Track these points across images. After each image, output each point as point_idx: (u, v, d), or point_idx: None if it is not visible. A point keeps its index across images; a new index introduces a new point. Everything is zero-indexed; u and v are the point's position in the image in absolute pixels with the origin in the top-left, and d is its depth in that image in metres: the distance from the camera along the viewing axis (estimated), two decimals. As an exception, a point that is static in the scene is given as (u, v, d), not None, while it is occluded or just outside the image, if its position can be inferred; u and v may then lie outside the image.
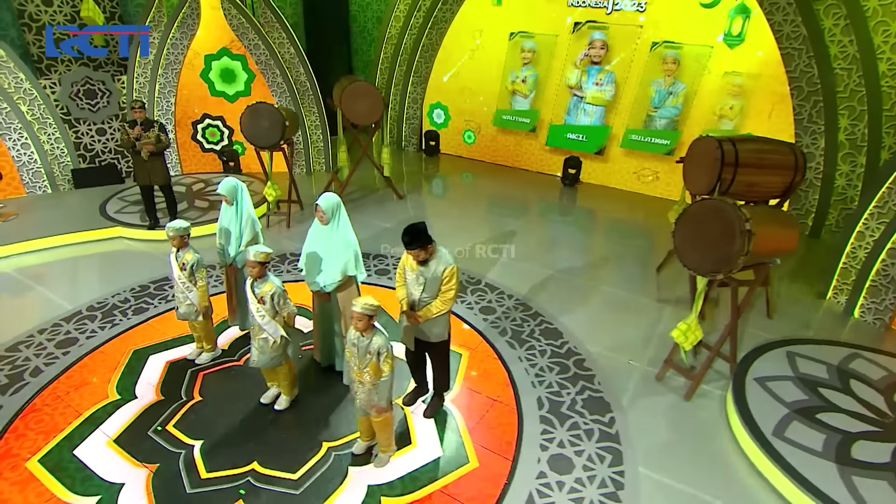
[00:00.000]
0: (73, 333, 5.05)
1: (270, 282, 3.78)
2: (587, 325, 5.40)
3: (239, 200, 4.54)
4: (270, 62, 8.87)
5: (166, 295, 5.70)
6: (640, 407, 4.28)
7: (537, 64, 9.41)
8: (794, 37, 6.78)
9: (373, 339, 3.29)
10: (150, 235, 7.03)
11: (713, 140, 5.10)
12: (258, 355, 3.91)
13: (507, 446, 3.86)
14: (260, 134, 6.85)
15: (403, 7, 10.54)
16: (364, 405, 3.45)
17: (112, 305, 5.50)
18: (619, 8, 8.48)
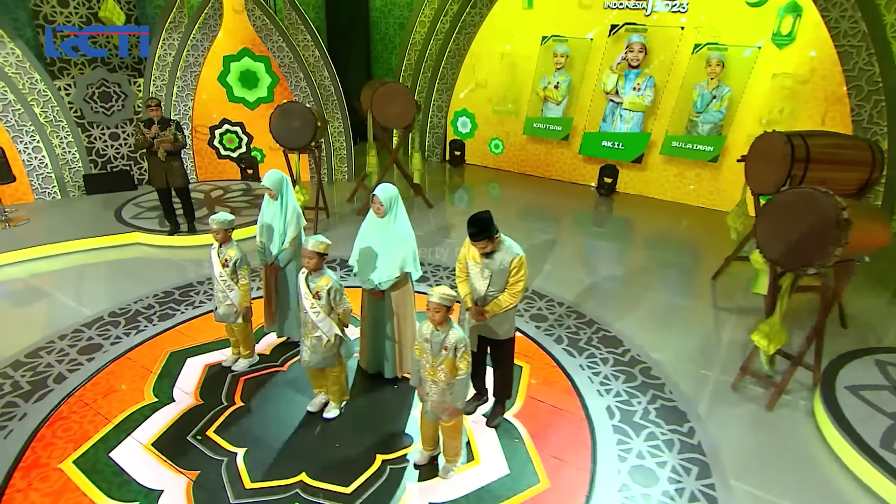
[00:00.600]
0: (96, 339, 4.98)
1: (327, 275, 3.71)
2: (646, 332, 5.31)
3: (284, 194, 4.51)
4: (294, 65, 8.99)
5: (193, 301, 5.65)
6: (718, 417, 4.15)
7: (571, 69, 9.51)
8: (851, 34, 6.83)
9: (449, 334, 3.21)
10: (170, 241, 7.00)
11: (781, 135, 5.08)
12: (310, 355, 3.81)
13: (582, 457, 3.72)
14: (290, 135, 6.88)
15: (429, 12, 10.73)
16: (436, 407, 3.34)
17: (135, 311, 5.45)
18: (658, 9, 8.60)
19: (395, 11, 11.99)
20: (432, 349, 3.25)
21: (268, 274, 4.67)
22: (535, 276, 6.40)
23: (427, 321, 3.31)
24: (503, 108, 10.50)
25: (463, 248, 3.71)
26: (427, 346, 3.27)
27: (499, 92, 10.49)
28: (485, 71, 10.55)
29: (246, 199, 8.47)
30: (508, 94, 10.37)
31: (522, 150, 10.60)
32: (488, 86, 10.62)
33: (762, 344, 4.11)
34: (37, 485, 3.47)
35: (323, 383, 4.09)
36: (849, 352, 4.67)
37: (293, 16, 9.05)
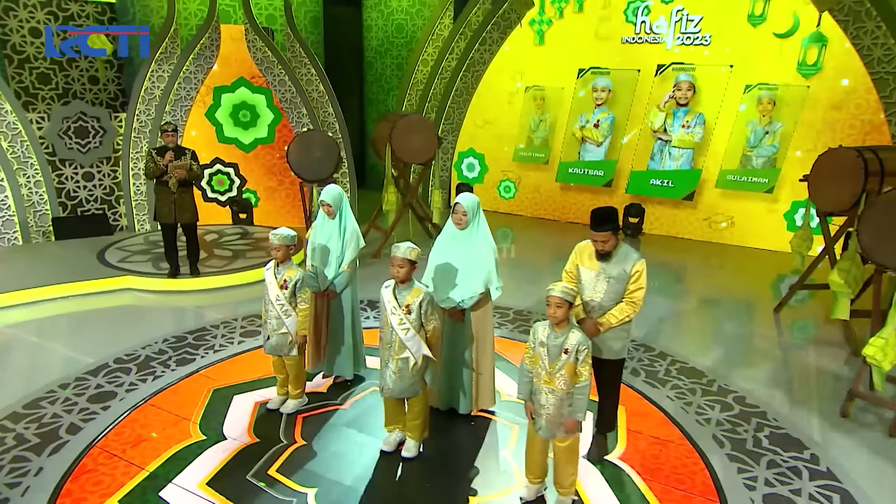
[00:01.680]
0: (107, 387, 4.75)
1: (418, 286, 3.70)
2: (724, 364, 5.39)
3: (343, 211, 4.54)
4: (297, 100, 9.23)
5: (212, 345, 5.48)
6: (838, 444, 4.18)
7: (614, 105, 9.91)
8: (885, 60, 7.52)
9: (569, 335, 3.20)
10: (169, 285, 6.83)
11: (851, 150, 5.46)
12: (395, 381, 3.71)
13: (706, 488, 3.66)
14: (311, 166, 6.98)
15: (432, 50, 11.32)
16: (552, 422, 3.26)
17: (146, 357, 5.24)
18: (679, 42, 9.30)
19: (392, 51, 12.57)
20: (549, 353, 3.23)
21: (318, 302, 4.60)
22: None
23: (540, 324, 3.30)
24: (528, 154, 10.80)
25: (572, 256, 3.76)
26: (543, 350, 3.25)
27: (513, 131, 10.93)
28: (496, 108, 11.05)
29: (246, 242, 8.40)
30: (534, 135, 10.71)
31: (536, 192, 10.95)
32: (497, 123, 11.07)
33: (877, 359, 4.23)
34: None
35: (400, 418, 3.96)
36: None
37: (297, 48, 9.40)
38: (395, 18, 12.32)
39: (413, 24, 12.23)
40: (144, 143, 9.06)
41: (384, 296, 3.73)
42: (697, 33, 9.17)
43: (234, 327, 5.89)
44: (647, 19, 9.50)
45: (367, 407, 4.48)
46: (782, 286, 7.80)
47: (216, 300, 6.69)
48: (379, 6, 12.40)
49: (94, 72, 10.25)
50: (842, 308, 5.52)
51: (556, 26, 10.24)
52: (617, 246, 3.59)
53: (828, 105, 8.39)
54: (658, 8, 9.39)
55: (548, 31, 10.28)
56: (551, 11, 10.18)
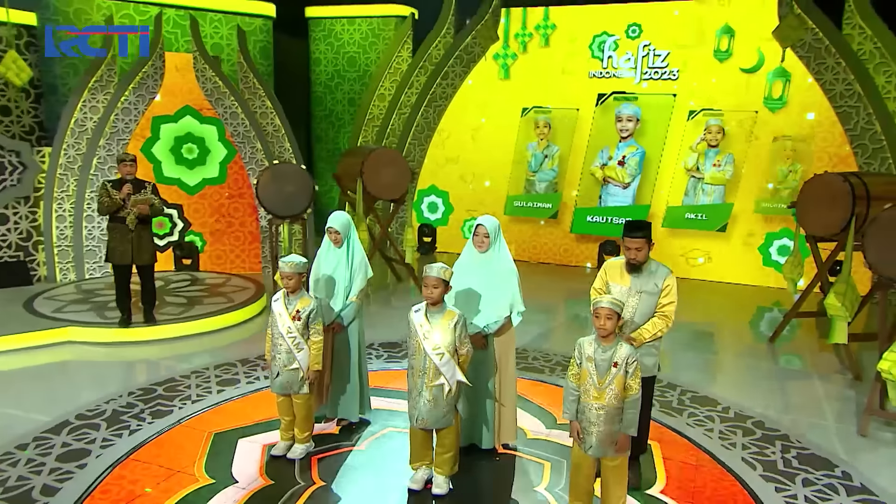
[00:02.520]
0: (76, 445, 4.60)
1: (451, 309, 3.90)
2: (734, 391, 5.82)
3: (351, 239, 4.70)
4: (250, 134, 9.37)
5: (188, 395, 5.40)
6: (864, 461, 4.60)
7: (642, 137, 10.40)
8: (847, 95, 8.55)
9: (618, 349, 3.48)
10: (120, 336, 6.66)
11: (837, 176, 6.17)
12: (430, 411, 3.84)
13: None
14: (284, 201, 7.10)
15: (390, 84, 11.79)
16: (603, 440, 3.49)
17: (114, 412, 5.11)
18: (648, 77, 10.19)
19: (343, 86, 12.97)
20: (598, 368, 3.48)
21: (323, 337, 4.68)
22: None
23: (585, 339, 3.57)
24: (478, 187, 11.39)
25: (600, 273, 4.09)
26: (591, 365, 3.50)
27: (474, 169, 11.43)
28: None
29: (199, 288, 8.29)
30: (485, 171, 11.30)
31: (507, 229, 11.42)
32: (461, 160, 11.55)
33: (893, 373, 4.73)
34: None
35: (427, 453, 4.06)
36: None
37: (250, 78, 9.60)
38: (345, 51, 12.79)
39: (366, 58, 12.73)
40: (72, 181, 8.88)
41: (415, 320, 3.90)
42: (664, 68, 10.08)
43: (207, 377, 5.81)
44: (613, 54, 10.37)
45: (385, 447, 4.56)
46: (768, 317, 8.48)
47: (176, 350, 6.57)
48: (328, 38, 12.86)
49: (7, 101, 10.02)
50: (839, 332, 6.09)
51: (520, 60, 10.96)
52: (649, 259, 3.95)
53: (796, 138, 9.36)
54: (625, 43, 10.29)
55: (513, 64, 10.98)
56: (515, 45, 10.92)
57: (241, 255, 9.95)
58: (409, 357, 3.98)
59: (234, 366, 6.08)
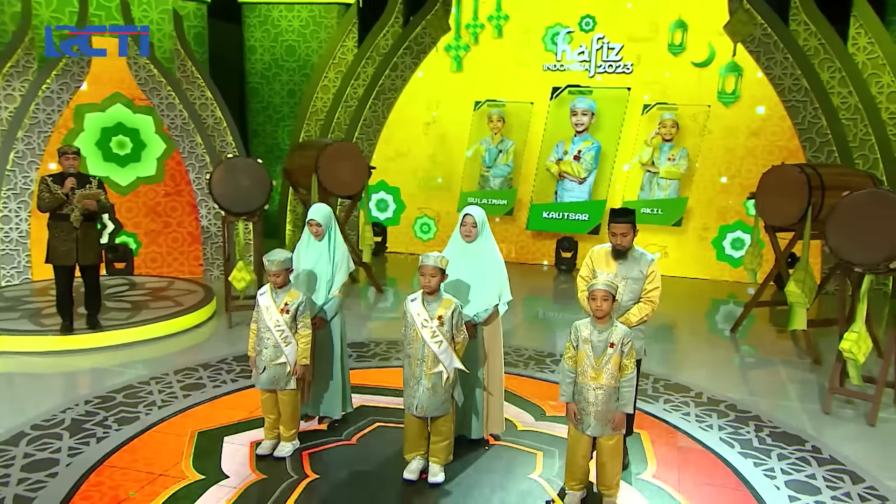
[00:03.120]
0: (40, 455, 4.64)
1: (447, 297, 4.20)
2: (703, 379, 6.36)
3: (332, 232, 4.93)
4: (189, 127, 9.37)
5: (152, 401, 5.48)
6: (831, 437, 5.18)
7: (597, 131, 10.90)
8: (795, 89, 9.38)
9: (613, 329, 3.88)
10: (63, 344, 6.61)
11: (794, 167, 6.85)
12: (429, 398, 4.13)
13: (732, 481, 4.44)
14: (239, 196, 7.20)
15: (334, 76, 11.99)
16: (602, 417, 3.87)
17: (73, 420, 5.15)
18: (602, 70, 10.81)
19: (281, 76, 13.05)
20: (594, 349, 3.87)
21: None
22: (556, 342, 7.27)
23: (581, 322, 3.96)
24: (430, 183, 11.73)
25: (586, 261, 4.49)
26: (587, 347, 3.89)
27: (425, 165, 11.76)
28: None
29: (139, 292, 8.26)
30: (437, 167, 11.65)
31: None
32: (411, 155, 11.85)
33: (853, 352, 5.35)
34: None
35: (422, 443, 4.34)
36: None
37: (188, 66, 9.61)
38: (284, 39, 12.88)
39: (307, 47, 12.86)
40: (-11, 181, 8.66)
41: (412, 309, 4.19)
42: (618, 61, 10.72)
43: (169, 382, 5.89)
44: (567, 47, 10.93)
45: (376, 441, 4.83)
46: (726, 310, 9.20)
47: (127, 357, 6.58)
48: (264, 25, 12.91)
49: None
50: (799, 318, 6.79)
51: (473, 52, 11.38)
52: (633, 246, 4.39)
53: (747, 132, 10.16)
54: (578, 36, 10.87)
55: (465, 56, 11.38)
56: (467, 36, 11.33)
57: (178, 257, 9.92)
58: (405, 346, 4.26)
59: (196, 370, 6.17)
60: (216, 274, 9.76)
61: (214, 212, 9.61)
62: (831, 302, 8.66)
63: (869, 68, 9.35)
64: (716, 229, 10.54)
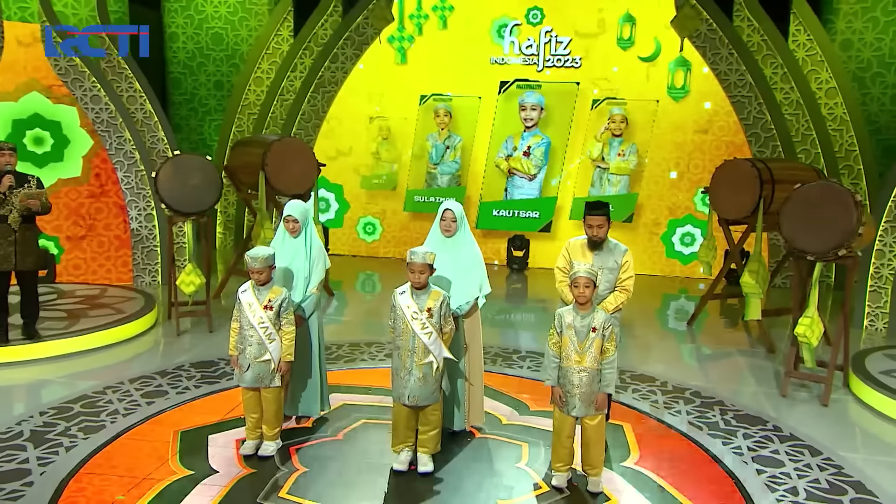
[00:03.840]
0: (8, 466, 4.84)
1: (436, 289, 4.68)
2: (666, 370, 7.09)
3: (308, 228, 5.33)
4: (116, 122, 9.48)
5: (114, 409, 5.73)
6: (789, 417, 5.96)
7: (546, 127, 11.56)
8: (741, 85, 10.34)
9: (595, 315, 4.46)
10: (-3, 356, 6.72)
11: (746, 161, 7.68)
12: (420, 388, 4.59)
13: (703, 460, 5.11)
14: (188, 195, 7.44)
15: (267, 66, 12.28)
16: (585, 399, 4.44)
17: (32, 432, 5.34)
18: (550, 64, 11.54)
19: (206, 66, 13.19)
20: (578, 334, 4.45)
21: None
22: (524, 340, 7.87)
23: (564, 309, 4.53)
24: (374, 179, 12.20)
25: (563, 252, 5.07)
26: (571, 332, 4.46)
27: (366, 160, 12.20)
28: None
29: (71, 301, 8.35)
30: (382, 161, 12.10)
31: (403, 229, 12.29)
32: (354, 152, 12.26)
33: (807, 336, 6.15)
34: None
35: (410, 435, 4.80)
36: (859, 352, 7.08)
37: (113, 56, 9.71)
38: (209, 27, 13.03)
39: (235, 35, 13.06)
40: None
41: (401, 302, 4.66)
42: (567, 55, 11.46)
43: (126, 391, 6.11)
44: (515, 40, 11.60)
45: (363, 436, 5.29)
46: (680, 304, 10.05)
47: (72, 368, 6.71)
48: (187, 10, 13.03)
49: None
50: (754, 308, 7.61)
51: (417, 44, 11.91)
52: (608, 238, 5.01)
53: (695, 127, 11.08)
54: (526, 29, 11.56)
55: (410, 48, 11.89)
56: (411, 27, 11.84)
57: (105, 263, 9.98)
58: (394, 338, 4.72)
59: (153, 378, 6.41)
60: (147, 280, 9.88)
61: (146, 213, 9.75)
62: (780, 294, 9.66)
63: (808, 65, 10.42)
64: (665, 224, 11.42)
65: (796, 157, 10.19)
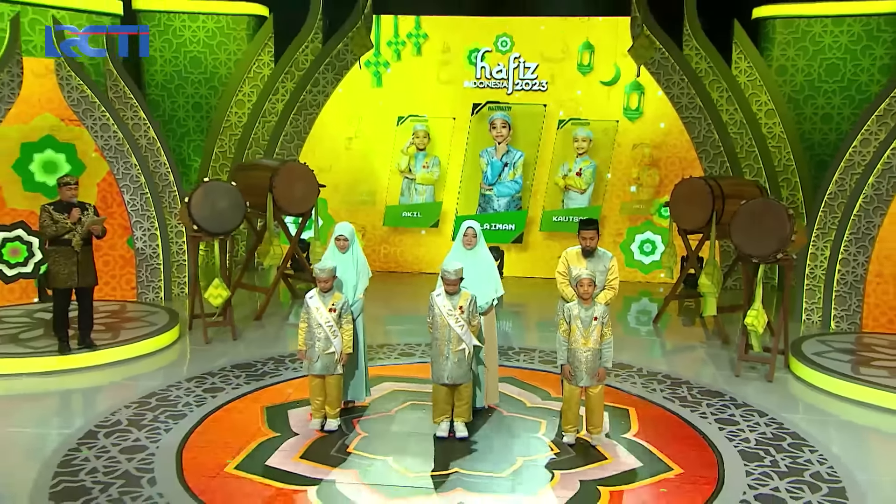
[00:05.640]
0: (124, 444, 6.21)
1: (465, 291, 6.36)
2: (637, 359, 8.90)
3: (354, 244, 6.94)
4: (123, 148, 10.87)
5: (187, 401, 7.19)
6: (743, 392, 7.82)
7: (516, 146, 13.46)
8: (691, 107, 12.35)
9: (595, 307, 6.21)
10: (59, 364, 8.06)
11: (700, 179, 9.62)
12: (455, 370, 6.24)
13: (679, 425, 6.91)
14: (217, 217, 8.93)
15: (249, 90, 13.77)
16: (590, 372, 6.18)
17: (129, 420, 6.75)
18: (519, 88, 13.39)
19: (185, 89, 14.54)
20: (583, 323, 6.19)
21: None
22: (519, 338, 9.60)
23: (571, 304, 6.26)
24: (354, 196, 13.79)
25: (561, 260, 6.80)
26: (578, 322, 6.20)
27: (347, 178, 13.79)
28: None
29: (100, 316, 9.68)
30: (362, 179, 13.70)
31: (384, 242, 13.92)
32: (334, 170, 13.81)
33: (754, 325, 8.05)
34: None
35: (447, 408, 6.46)
36: (795, 340, 9.04)
37: (120, 87, 11.10)
38: (188, 50, 14.39)
39: (214, 59, 14.45)
40: None
41: (438, 302, 6.32)
42: (534, 79, 13.33)
43: (188, 389, 7.58)
44: (486, 65, 13.41)
45: (411, 413, 6.96)
46: (640, 307, 11.96)
47: (128, 373, 8.13)
48: (165, 34, 14.34)
49: None
50: (710, 306, 9.52)
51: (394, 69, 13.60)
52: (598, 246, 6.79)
53: (651, 145, 13.07)
54: (496, 55, 13.38)
55: (386, 73, 13.57)
56: (388, 53, 13.53)
57: (110, 281, 11.26)
58: (433, 332, 6.38)
59: (205, 377, 7.89)
60: (151, 297, 11.24)
61: (150, 233, 11.13)
62: (731, 294, 11.62)
63: (749, 88, 12.50)
64: (623, 233, 13.36)
65: (741, 171, 12.23)
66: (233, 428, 6.62)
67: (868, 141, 9.86)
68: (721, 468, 6.05)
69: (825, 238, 10.19)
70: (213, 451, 6.13)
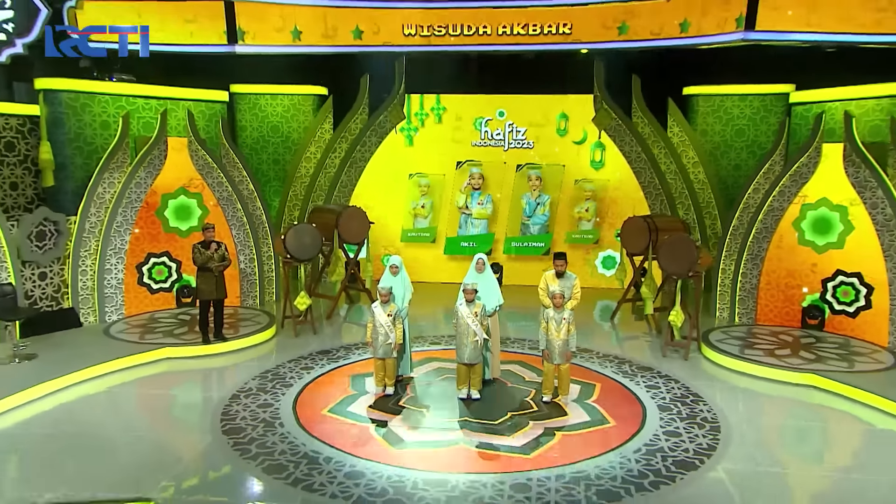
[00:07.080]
0: (260, 401, 7.94)
1: (478, 301, 8.00)
2: (597, 344, 10.49)
3: (402, 270, 8.58)
4: (232, 198, 12.57)
5: (292, 375, 8.85)
6: (667, 367, 9.39)
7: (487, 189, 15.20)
8: (639, 160, 13.93)
9: (565, 312, 7.84)
10: (206, 350, 9.75)
11: (640, 218, 11.23)
12: (472, 353, 7.88)
13: (618, 389, 8.50)
14: (303, 248, 10.61)
15: (314, 149, 15.46)
16: (561, 354, 7.80)
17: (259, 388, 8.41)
18: (513, 146, 15.02)
19: (268, 148, 16.23)
20: (556, 322, 7.81)
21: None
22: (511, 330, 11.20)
23: (549, 310, 7.88)
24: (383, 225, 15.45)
25: (543, 278, 8.44)
26: (553, 322, 7.82)
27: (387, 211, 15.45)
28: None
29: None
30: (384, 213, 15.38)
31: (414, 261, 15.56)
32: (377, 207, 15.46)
33: (675, 320, 9.62)
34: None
35: (466, 379, 8.08)
36: (707, 330, 10.60)
37: (231, 154, 12.82)
38: (269, 120, 16.08)
39: (288, 126, 16.13)
40: (94, 243, 11.46)
41: (461, 310, 7.95)
42: (524, 139, 14.95)
43: (290, 366, 9.24)
44: (488, 129, 15.06)
45: (444, 383, 8.63)
46: (599, 306, 13.52)
47: (247, 357, 9.81)
48: (253, 109, 16.06)
49: (14, 178, 12.11)
50: (648, 306, 11.11)
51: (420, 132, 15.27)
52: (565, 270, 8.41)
53: (611, 188, 14.65)
54: (495, 122, 15.03)
55: (416, 136, 15.23)
56: (416, 121, 15.20)
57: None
58: (456, 328, 8.01)
59: (300, 360, 9.55)
60: (249, 303, 12.91)
61: (249, 258, 12.83)
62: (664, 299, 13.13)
63: (681, 146, 14.06)
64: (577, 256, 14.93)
65: (676, 209, 13.79)
66: (324, 392, 8.28)
67: (758, 189, 11.46)
68: (644, 415, 7.67)
69: (731, 257, 11.74)
70: (314, 404, 7.81)
